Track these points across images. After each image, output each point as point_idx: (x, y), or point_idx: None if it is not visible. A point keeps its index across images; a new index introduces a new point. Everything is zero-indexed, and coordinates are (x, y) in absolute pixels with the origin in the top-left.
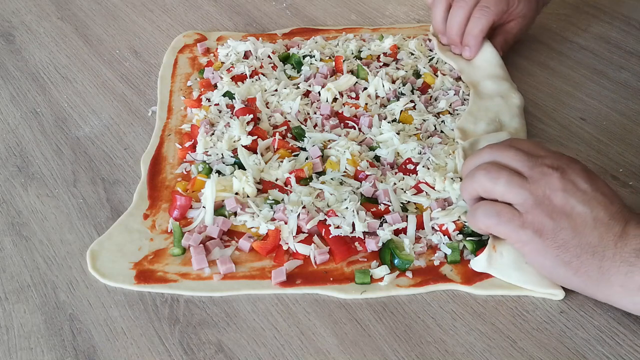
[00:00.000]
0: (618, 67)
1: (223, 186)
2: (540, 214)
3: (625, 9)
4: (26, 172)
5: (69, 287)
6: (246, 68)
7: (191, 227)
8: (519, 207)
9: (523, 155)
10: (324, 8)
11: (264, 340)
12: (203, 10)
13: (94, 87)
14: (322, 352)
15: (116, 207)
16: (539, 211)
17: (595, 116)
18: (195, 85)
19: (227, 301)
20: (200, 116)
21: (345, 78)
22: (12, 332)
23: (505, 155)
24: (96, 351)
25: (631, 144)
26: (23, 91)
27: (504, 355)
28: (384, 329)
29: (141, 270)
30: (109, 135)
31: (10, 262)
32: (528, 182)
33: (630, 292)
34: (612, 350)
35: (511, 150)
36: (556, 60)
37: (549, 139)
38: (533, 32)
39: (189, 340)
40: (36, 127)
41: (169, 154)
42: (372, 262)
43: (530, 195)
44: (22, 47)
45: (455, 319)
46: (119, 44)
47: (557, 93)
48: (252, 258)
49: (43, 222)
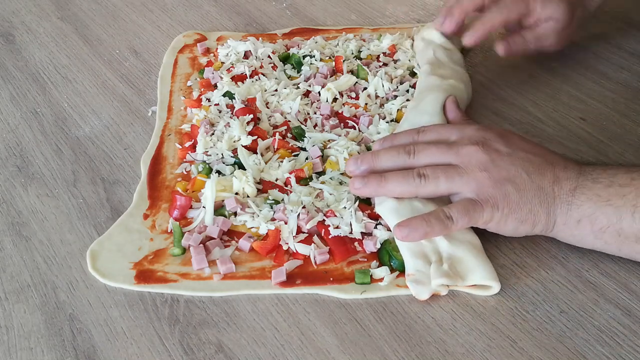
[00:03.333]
0: (618, 67)
1: (223, 186)
2: (487, 189)
3: (625, 9)
4: (26, 172)
5: (69, 287)
6: (246, 68)
7: (191, 227)
8: (468, 194)
9: (443, 148)
10: (324, 8)
11: (264, 340)
12: (203, 10)
13: (94, 87)
14: (322, 352)
15: (116, 207)
16: (485, 188)
17: (595, 116)
18: (195, 85)
19: (227, 301)
20: (200, 116)
21: (345, 78)
22: (12, 332)
23: (429, 155)
24: (96, 351)
25: (631, 144)
26: (23, 91)
27: (504, 355)
28: (384, 329)
29: (141, 270)
30: (109, 135)
31: (10, 262)
32: (463, 169)
33: (570, 227)
34: (612, 350)
35: (430, 147)
36: (556, 60)
37: (549, 139)
38: None
39: (189, 340)
40: (36, 127)
41: (169, 154)
42: (372, 262)
43: (470, 179)
44: (22, 47)
45: (455, 319)
46: (119, 44)
47: (557, 93)
48: (252, 258)
49: (43, 222)
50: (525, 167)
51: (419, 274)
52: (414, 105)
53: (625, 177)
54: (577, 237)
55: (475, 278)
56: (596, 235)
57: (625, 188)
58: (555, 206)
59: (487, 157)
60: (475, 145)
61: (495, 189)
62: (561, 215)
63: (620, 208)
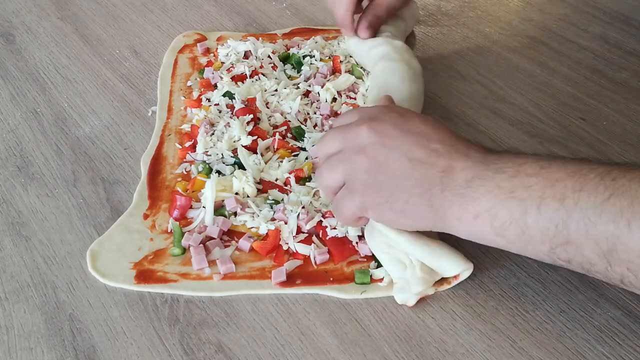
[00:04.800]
0: (618, 67)
1: (223, 186)
2: (360, 174)
3: (625, 9)
4: (26, 172)
5: (69, 287)
6: (246, 68)
7: (191, 227)
8: (347, 182)
9: (335, 132)
10: (324, 8)
11: (264, 340)
12: (203, 10)
13: (94, 87)
14: (322, 352)
15: (116, 207)
16: (358, 172)
17: (595, 116)
18: (195, 85)
19: (227, 301)
20: (200, 116)
21: (343, 78)
22: (12, 332)
23: (323, 145)
24: (96, 351)
25: (631, 144)
26: (23, 91)
27: (504, 355)
28: (384, 329)
29: (141, 270)
30: (109, 135)
31: (10, 262)
32: (344, 153)
33: (466, 223)
34: (612, 350)
35: (327, 135)
36: (556, 60)
37: (549, 139)
38: (533, 32)
39: (189, 340)
40: (36, 127)
41: (169, 154)
42: (372, 263)
43: (347, 164)
44: (22, 47)
45: (455, 319)
46: (119, 44)
47: (557, 93)
48: (252, 258)
49: (43, 222)
50: (411, 152)
51: (401, 282)
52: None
53: (534, 166)
54: (475, 234)
55: (449, 271)
56: (497, 233)
57: (532, 178)
58: (443, 198)
59: (369, 138)
60: (362, 125)
61: (368, 173)
62: (453, 208)
63: (524, 201)
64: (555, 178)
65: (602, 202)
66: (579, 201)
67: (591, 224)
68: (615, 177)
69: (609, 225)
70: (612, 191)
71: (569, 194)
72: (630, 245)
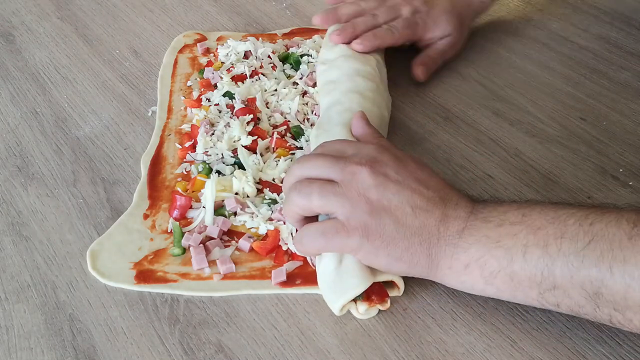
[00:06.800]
0: (618, 67)
1: (223, 186)
2: (361, 215)
3: (625, 9)
4: (26, 172)
5: (69, 287)
6: (246, 68)
7: (191, 227)
8: (340, 216)
9: (330, 161)
10: (323, 8)
11: (264, 340)
12: (203, 10)
13: (94, 87)
14: (322, 352)
15: (116, 207)
16: (359, 213)
17: (595, 116)
18: (195, 85)
19: (227, 301)
20: (200, 116)
21: None
22: (12, 332)
23: (312, 167)
24: (96, 351)
25: (631, 144)
26: (23, 91)
27: (504, 355)
28: (384, 329)
29: (141, 270)
30: (109, 135)
31: (10, 262)
32: (341, 187)
33: (457, 272)
34: (612, 350)
35: (318, 159)
36: (556, 60)
37: (549, 139)
38: (533, 33)
39: (189, 340)
40: (36, 127)
41: (169, 154)
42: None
43: (346, 200)
44: (22, 47)
45: (455, 319)
46: (119, 44)
47: (557, 93)
48: (252, 258)
49: (43, 222)
50: (412, 200)
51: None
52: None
53: (516, 213)
54: (466, 283)
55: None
56: (487, 281)
57: (515, 226)
58: (439, 248)
59: (372, 180)
60: (364, 165)
61: (371, 216)
62: (446, 258)
63: (510, 249)
64: (537, 226)
65: (583, 248)
66: (561, 248)
67: (574, 269)
68: (592, 222)
69: (591, 269)
70: (591, 236)
71: (551, 241)
72: (615, 288)
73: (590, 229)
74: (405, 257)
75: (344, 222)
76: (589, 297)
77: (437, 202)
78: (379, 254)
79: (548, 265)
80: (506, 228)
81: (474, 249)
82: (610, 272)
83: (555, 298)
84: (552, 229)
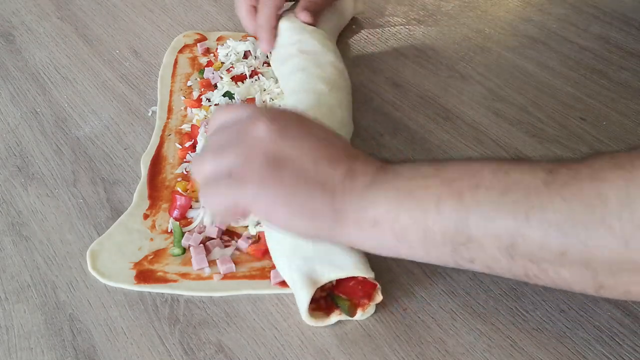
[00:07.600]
0: (618, 67)
1: None
2: (258, 166)
3: (625, 9)
4: (26, 172)
5: (69, 287)
6: (246, 68)
7: (191, 227)
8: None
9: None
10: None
11: (264, 340)
12: (203, 10)
13: (94, 87)
14: (322, 352)
15: (116, 207)
16: (256, 164)
17: (595, 116)
18: (195, 85)
19: (227, 301)
20: (200, 116)
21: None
22: (12, 332)
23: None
24: (96, 351)
25: (631, 144)
26: (23, 91)
27: (504, 355)
28: (384, 328)
29: (141, 270)
30: (109, 135)
31: (10, 262)
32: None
33: (364, 229)
34: (612, 350)
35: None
36: (556, 60)
37: (549, 139)
38: (533, 32)
39: (189, 340)
40: (36, 127)
41: (169, 154)
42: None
43: (241, 152)
44: (22, 47)
45: (455, 319)
46: (119, 44)
47: (556, 93)
48: (252, 258)
49: (43, 222)
50: (315, 152)
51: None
52: None
53: (429, 168)
54: (375, 240)
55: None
56: (398, 238)
57: (429, 179)
58: (344, 201)
59: (269, 134)
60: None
61: (268, 166)
62: (352, 212)
63: (423, 202)
64: (451, 178)
65: (499, 197)
66: (476, 197)
67: (490, 219)
68: (507, 171)
69: (507, 219)
70: (506, 185)
71: (466, 191)
72: (531, 237)
73: (504, 177)
74: (307, 211)
75: (240, 171)
76: (504, 249)
77: (343, 157)
78: (277, 208)
79: (462, 217)
80: (418, 181)
81: (384, 202)
82: (527, 220)
83: (470, 252)
84: (467, 180)
